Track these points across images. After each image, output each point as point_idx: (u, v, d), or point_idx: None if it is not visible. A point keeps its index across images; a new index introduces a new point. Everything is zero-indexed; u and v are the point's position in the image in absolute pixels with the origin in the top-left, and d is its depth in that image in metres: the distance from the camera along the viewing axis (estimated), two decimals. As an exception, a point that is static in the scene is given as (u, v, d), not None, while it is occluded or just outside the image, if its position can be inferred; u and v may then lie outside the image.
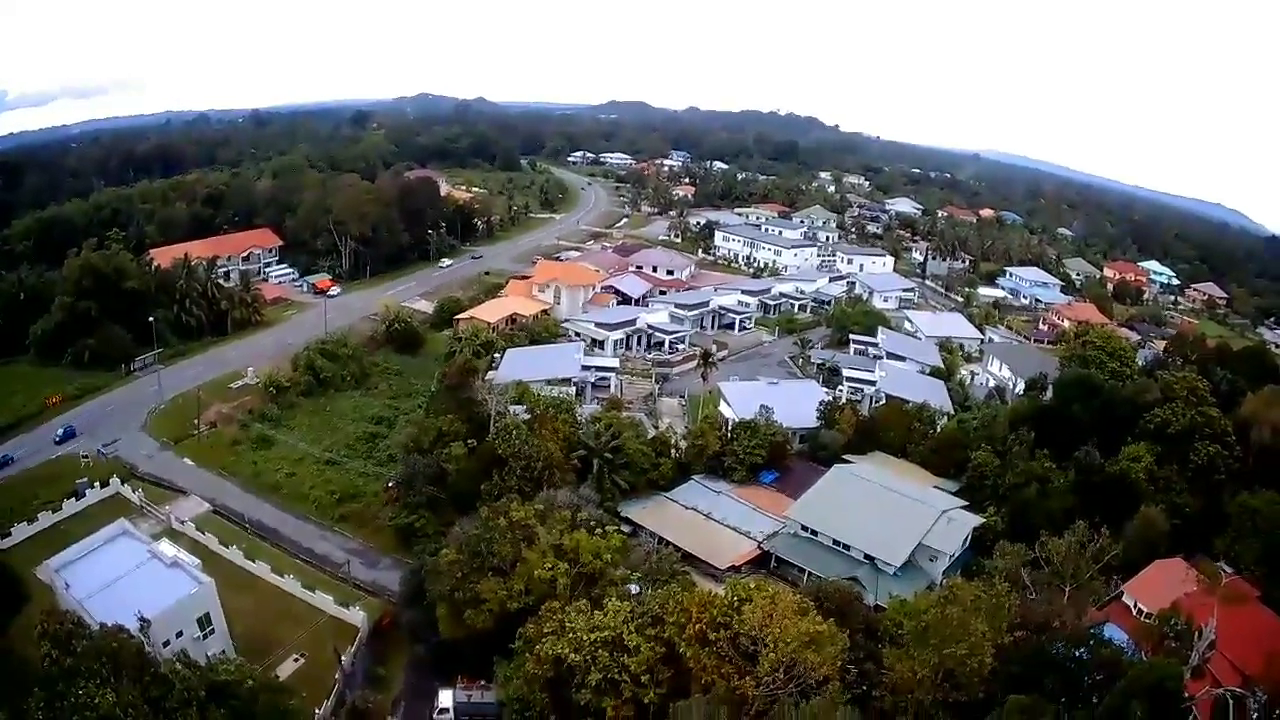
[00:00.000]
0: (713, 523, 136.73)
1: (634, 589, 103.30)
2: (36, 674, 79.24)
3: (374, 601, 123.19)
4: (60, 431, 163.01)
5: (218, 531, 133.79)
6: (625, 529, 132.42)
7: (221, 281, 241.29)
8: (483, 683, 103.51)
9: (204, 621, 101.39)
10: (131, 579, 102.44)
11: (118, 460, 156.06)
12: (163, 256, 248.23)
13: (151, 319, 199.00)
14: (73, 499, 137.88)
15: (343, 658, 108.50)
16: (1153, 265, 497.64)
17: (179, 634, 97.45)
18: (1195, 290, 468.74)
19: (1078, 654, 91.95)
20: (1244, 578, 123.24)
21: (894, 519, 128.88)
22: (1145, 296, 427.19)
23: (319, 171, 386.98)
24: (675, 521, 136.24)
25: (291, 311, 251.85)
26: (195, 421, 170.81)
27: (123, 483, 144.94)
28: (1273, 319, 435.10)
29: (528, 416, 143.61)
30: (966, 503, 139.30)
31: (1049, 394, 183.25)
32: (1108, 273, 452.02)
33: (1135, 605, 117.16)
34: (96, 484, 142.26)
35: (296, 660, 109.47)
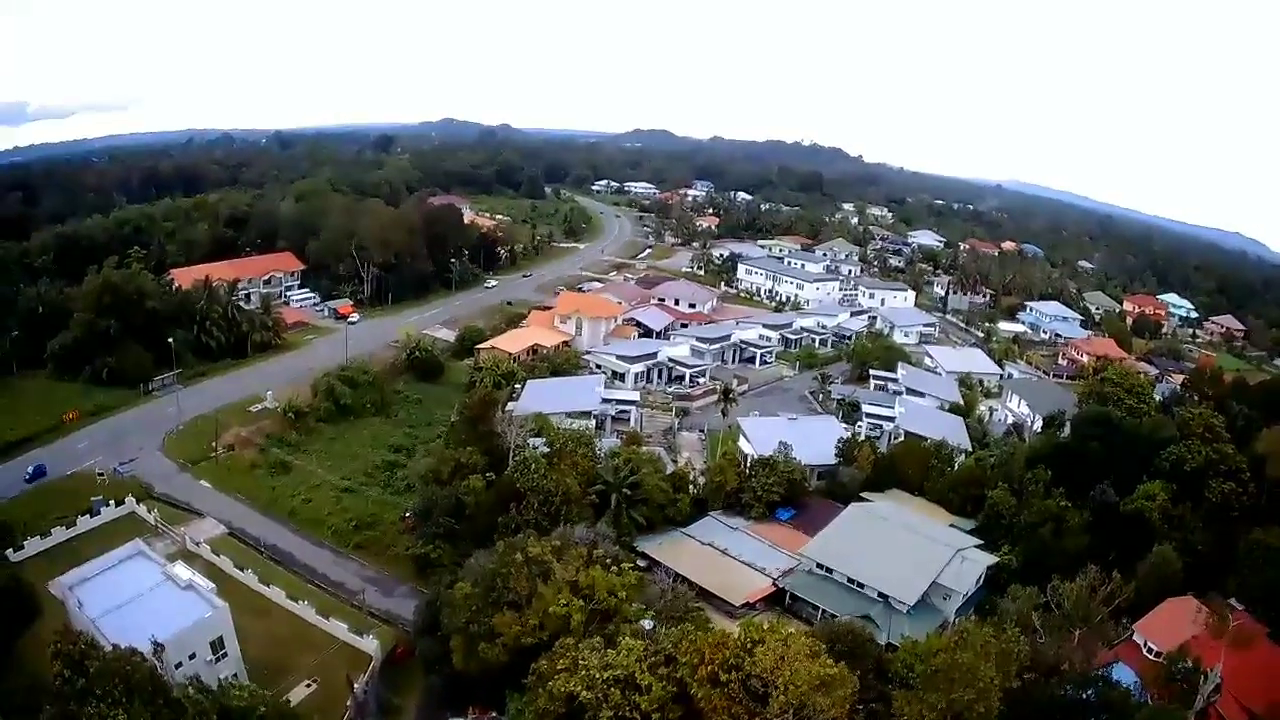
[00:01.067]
0: (729, 559, 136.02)
1: (648, 625, 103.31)
2: (49, 692, 79.60)
3: (388, 630, 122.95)
4: (30, 470, 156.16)
5: (233, 554, 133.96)
6: (641, 564, 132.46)
7: (242, 304, 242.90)
8: (494, 715, 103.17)
9: (217, 645, 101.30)
10: (145, 600, 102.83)
11: (134, 479, 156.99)
12: (183, 277, 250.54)
13: (170, 340, 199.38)
14: (87, 516, 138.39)
15: (355, 685, 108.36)
16: (1172, 298, 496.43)
17: (191, 656, 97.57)
18: (1213, 323, 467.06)
19: (1085, 696, 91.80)
20: (1254, 615, 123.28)
21: (908, 558, 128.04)
22: (1164, 330, 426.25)
23: (342, 195, 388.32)
24: (691, 558, 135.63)
25: (312, 336, 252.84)
26: (213, 444, 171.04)
27: (138, 502, 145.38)
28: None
29: (547, 450, 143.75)
30: (981, 541, 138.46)
31: (1066, 430, 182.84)
32: (1127, 306, 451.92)
33: (1146, 644, 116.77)
34: (111, 502, 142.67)
35: (308, 686, 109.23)
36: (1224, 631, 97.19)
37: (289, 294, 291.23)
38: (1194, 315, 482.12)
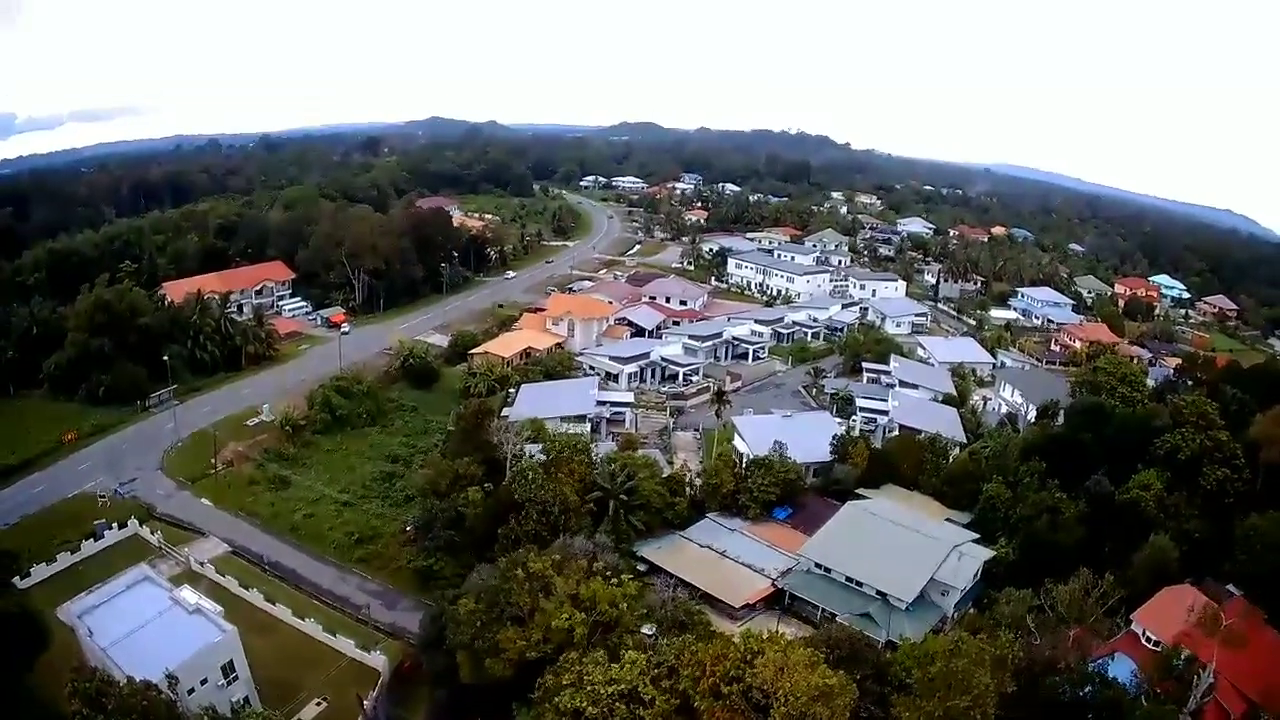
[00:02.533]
0: (727, 561, 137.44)
1: (649, 632, 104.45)
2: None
3: (394, 644, 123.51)
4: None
5: (237, 573, 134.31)
6: (641, 569, 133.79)
7: (235, 316, 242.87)
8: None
9: (228, 669, 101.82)
10: (154, 627, 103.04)
11: (135, 500, 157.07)
12: (175, 290, 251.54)
13: (166, 358, 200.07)
14: (91, 540, 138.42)
15: (365, 702, 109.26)
16: (1163, 279, 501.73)
17: (203, 681, 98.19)
18: (1206, 303, 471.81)
19: (1082, 694, 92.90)
20: (1251, 601, 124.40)
21: (906, 555, 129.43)
22: (1156, 312, 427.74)
23: (331, 200, 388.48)
24: (690, 561, 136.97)
25: (305, 346, 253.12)
26: (212, 460, 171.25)
27: (140, 523, 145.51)
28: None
29: (544, 457, 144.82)
30: (978, 535, 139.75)
31: (1060, 420, 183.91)
32: (1119, 289, 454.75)
33: (1144, 633, 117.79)
34: (114, 525, 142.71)
35: (319, 704, 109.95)
36: (1217, 630, 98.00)
37: (281, 303, 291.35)
38: (1186, 296, 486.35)
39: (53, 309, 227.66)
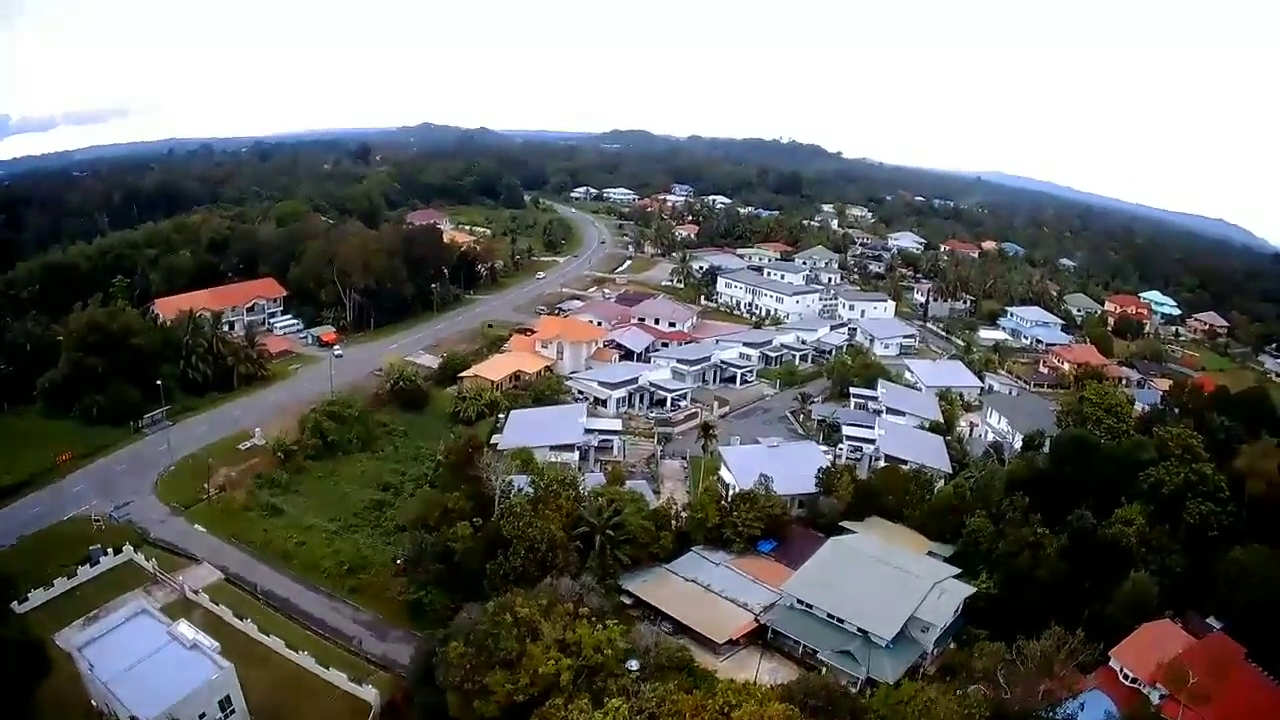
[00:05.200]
0: (711, 595, 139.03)
1: (633, 665, 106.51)
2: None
3: (385, 677, 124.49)
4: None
5: (230, 601, 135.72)
6: (626, 601, 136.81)
7: (227, 334, 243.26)
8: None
9: (225, 704, 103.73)
10: (153, 662, 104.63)
11: (130, 525, 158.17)
12: (167, 307, 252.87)
13: (159, 382, 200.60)
14: (86, 565, 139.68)
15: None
16: (1154, 295, 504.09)
17: (201, 716, 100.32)
18: (1196, 320, 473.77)
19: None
20: (1232, 635, 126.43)
21: (887, 592, 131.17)
22: (1146, 329, 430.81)
23: (321, 213, 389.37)
24: (675, 595, 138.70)
25: (296, 366, 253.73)
26: (205, 486, 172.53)
27: (135, 549, 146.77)
28: (1274, 345, 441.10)
29: (531, 491, 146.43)
30: (959, 570, 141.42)
31: (1046, 448, 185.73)
32: (1109, 306, 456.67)
33: (1122, 670, 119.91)
34: (109, 550, 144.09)
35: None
36: (1183, 687, 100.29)
37: (272, 321, 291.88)
38: (1177, 313, 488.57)
39: (46, 324, 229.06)
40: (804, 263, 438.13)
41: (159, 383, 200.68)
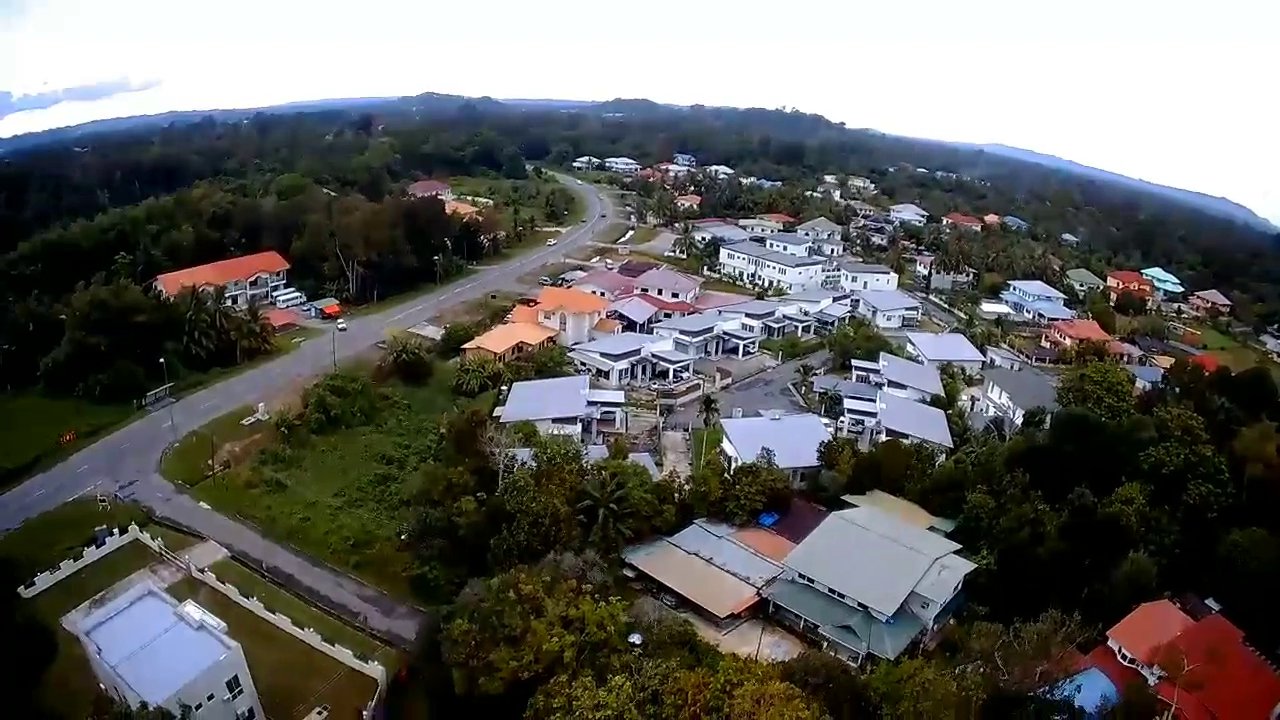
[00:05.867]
0: (713, 569, 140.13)
1: (636, 639, 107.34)
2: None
3: (391, 653, 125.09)
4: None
5: (236, 579, 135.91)
6: (629, 574, 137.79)
7: (230, 309, 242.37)
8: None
9: (233, 684, 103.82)
10: (161, 644, 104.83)
11: (135, 504, 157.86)
12: (170, 283, 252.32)
13: (162, 360, 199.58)
14: (92, 546, 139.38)
15: (364, 712, 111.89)
16: (1156, 273, 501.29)
17: (210, 697, 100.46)
18: (1199, 297, 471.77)
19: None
20: (1230, 615, 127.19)
21: (888, 568, 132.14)
22: (1149, 306, 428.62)
23: (323, 185, 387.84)
24: (677, 568, 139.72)
25: (299, 339, 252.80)
26: (209, 462, 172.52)
27: (141, 528, 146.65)
28: (1276, 325, 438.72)
29: (534, 465, 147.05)
30: (960, 546, 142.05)
31: (1047, 426, 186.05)
32: (1111, 282, 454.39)
33: (1120, 650, 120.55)
34: (116, 530, 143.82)
35: (320, 714, 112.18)
36: (1179, 673, 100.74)
37: (275, 294, 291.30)
38: (1179, 290, 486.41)
39: (49, 303, 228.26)
40: (806, 234, 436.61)
41: (162, 360, 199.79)
